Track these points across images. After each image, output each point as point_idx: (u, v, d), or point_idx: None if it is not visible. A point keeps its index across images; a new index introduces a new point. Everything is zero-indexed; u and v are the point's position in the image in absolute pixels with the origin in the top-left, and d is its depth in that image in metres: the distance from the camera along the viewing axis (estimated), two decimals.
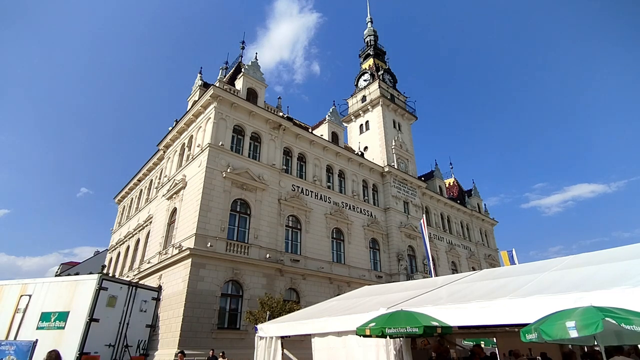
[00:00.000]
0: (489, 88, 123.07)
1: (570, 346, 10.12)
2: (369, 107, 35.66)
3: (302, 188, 24.26)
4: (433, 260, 20.94)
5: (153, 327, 13.27)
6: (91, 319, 10.72)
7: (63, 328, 10.94)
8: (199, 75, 25.91)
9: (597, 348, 12.50)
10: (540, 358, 10.15)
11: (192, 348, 14.60)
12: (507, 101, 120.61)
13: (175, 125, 24.89)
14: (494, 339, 12.89)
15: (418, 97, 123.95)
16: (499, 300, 5.17)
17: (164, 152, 26.78)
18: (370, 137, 34.62)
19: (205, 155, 19.86)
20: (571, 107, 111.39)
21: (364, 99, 37.25)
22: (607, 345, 4.60)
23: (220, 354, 13.90)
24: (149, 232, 25.14)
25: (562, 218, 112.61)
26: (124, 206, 35.91)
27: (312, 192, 24.72)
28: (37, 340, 9.87)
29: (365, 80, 39.05)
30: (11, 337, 11.31)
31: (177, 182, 21.86)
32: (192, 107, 23.36)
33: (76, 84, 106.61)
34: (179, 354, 10.31)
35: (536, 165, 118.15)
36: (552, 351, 10.53)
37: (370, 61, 41.52)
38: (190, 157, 21.87)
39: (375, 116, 35.03)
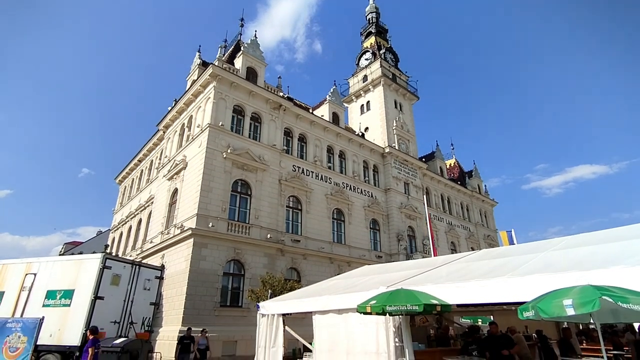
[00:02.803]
0: (492, 68, 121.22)
1: (565, 324, 10.35)
2: (370, 86, 35.21)
3: (303, 168, 24.25)
4: (432, 240, 21.12)
5: (157, 304, 13.53)
6: (96, 297, 10.92)
7: (69, 305, 11.16)
8: (197, 53, 25.50)
9: (592, 326, 12.76)
10: (536, 335, 10.37)
11: (196, 325, 14.92)
12: (509, 81, 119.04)
13: (175, 105, 24.67)
14: (491, 317, 13.15)
15: (420, 77, 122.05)
16: (498, 279, 5.26)
17: (164, 132, 26.64)
18: (371, 118, 34.33)
19: (205, 135, 19.76)
20: (575, 87, 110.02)
21: (365, 78, 36.72)
22: (602, 323, 4.70)
23: (202, 330, 13.93)
24: (150, 213, 25.31)
25: (562, 199, 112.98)
26: (125, 186, 36.03)
27: (312, 172, 24.72)
28: (43, 317, 10.09)
29: (366, 59, 38.37)
30: (17, 315, 11.54)
31: (178, 162, 21.84)
32: (191, 86, 23.08)
33: (75, 64, 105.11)
34: (88, 331, 9.28)
35: (538, 146, 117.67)
36: (548, 329, 10.77)
37: (372, 39, 40.70)
38: (190, 137, 21.78)
39: (376, 96, 34.62)
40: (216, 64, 21.25)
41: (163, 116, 25.94)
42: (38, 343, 9.94)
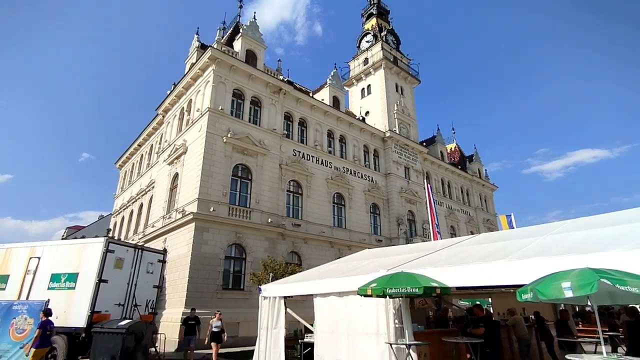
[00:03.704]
0: (494, 53, 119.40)
1: (562, 306, 10.52)
2: (371, 70, 34.76)
3: (303, 153, 24.19)
4: (433, 224, 21.20)
5: (160, 287, 13.72)
6: (100, 280, 11.05)
7: (73, 288, 11.30)
8: (196, 36, 25.10)
9: (588, 308, 12.96)
10: (533, 317, 10.56)
11: (199, 307, 15.16)
12: (512, 65, 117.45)
13: (174, 89, 24.43)
14: (490, 299, 13.35)
15: (421, 60, 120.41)
16: (497, 262, 5.30)
17: (163, 116, 26.47)
18: (372, 102, 34.03)
19: (205, 119, 19.64)
20: (578, 71, 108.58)
21: (366, 61, 36.22)
22: (599, 305, 4.76)
23: (217, 312, 13.90)
24: (151, 197, 25.38)
25: (562, 183, 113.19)
26: (126, 171, 36.03)
27: (313, 157, 24.68)
28: (48, 299, 10.24)
29: (367, 42, 37.77)
30: (23, 297, 11.70)
31: (178, 147, 21.78)
32: (190, 69, 22.81)
33: (74, 49, 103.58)
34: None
35: (540, 131, 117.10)
36: (545, 310, 10.95)
37: (373, 21, 39.96)
38: (190, 121, 21.65)
39: (377, 79, 34.22)
40: (215, 46, 20.95)
41: (162, 100, 25.72)
42: None
